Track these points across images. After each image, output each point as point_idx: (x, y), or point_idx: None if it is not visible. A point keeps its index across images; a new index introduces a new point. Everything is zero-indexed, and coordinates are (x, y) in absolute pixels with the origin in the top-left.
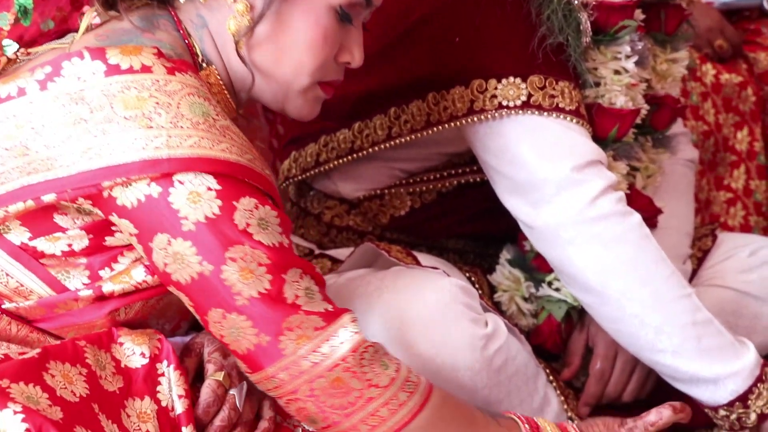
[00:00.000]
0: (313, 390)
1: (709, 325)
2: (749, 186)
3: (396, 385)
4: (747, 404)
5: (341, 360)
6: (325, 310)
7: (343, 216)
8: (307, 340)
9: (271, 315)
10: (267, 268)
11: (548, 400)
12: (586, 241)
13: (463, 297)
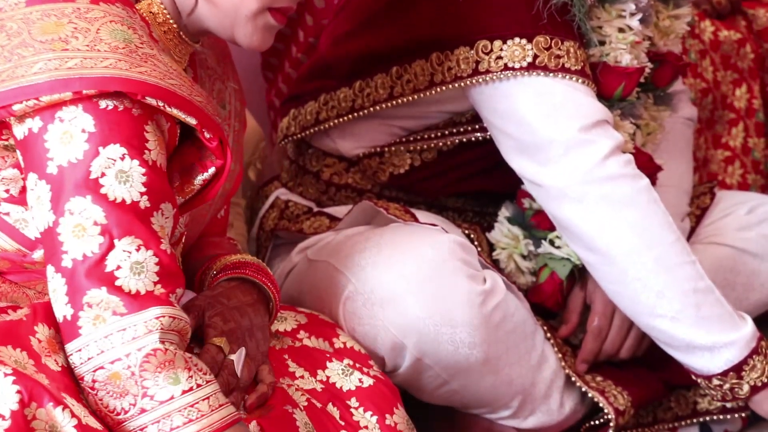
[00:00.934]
0: (94, 382)
1: (710, 293)
2: (747, 144)
3: (174, 406)
4: (741, 375)
5: (125, 356)
6: (136, 294)
7: (341, 174)
8: (102, 323)
9: (80, 285)
10: (101, 229)
11: (546, 357)
12: (594, 201)
13: (461, 253)
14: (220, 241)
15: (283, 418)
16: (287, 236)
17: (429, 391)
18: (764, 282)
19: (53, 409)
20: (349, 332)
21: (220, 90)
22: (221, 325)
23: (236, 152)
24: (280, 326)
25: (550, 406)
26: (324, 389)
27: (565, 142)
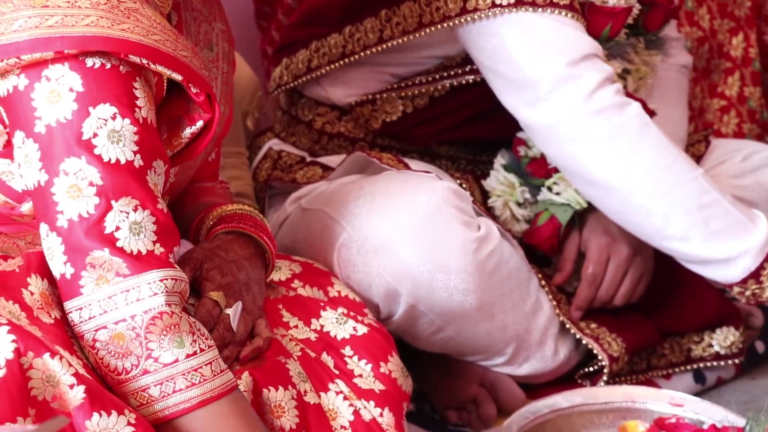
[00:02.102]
0: (95, 341)
1: (717, 206)
2: (743, 93)
3: (177, 369)
4: (760, 280)
5: (129, 317)
6: (138, 255)
7: (334, 123)
8: (105, 283)
9: (82, 244)
10: (97, 190)
11: (540, 304)
12: (587, 135)
13: (455, 200)
14: (213, 187)
15: (275, 368)
16: (281, 186)
17: (424, 339)
18: None
19: (50, 359)
20: (343, 280)
21: (206, 32)
22: (218, 279)
23: (226, 94)
24: (274, 276)
25: (544, 353)
26: (318, 338)
27: (554, 79)
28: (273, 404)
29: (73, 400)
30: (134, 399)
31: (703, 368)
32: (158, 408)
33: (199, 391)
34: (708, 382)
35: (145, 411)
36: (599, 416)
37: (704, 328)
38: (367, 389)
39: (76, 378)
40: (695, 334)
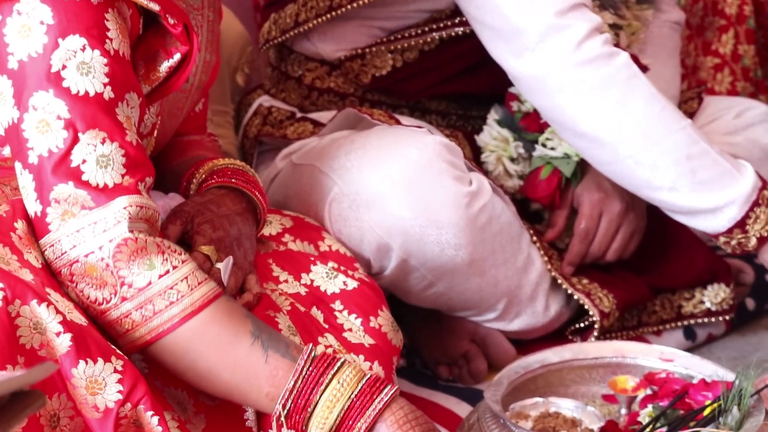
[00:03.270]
0: (72, 275)
1: (705, 156)
2: (737, 51)
3: (153, 290)
4: (745, 229)
5: (98, 248)
6: (104, 188)
7: (324, 78)
8: (72, 217)
9: (47, 181)
10: (65, 123)
11: (532, 260)
12: (575, 86)
13: (447, 155)
14: (202, 140)
15: (265, 322)
16: (271, 142)
17: (415, 293)
18: None
19: (37, 306)
20: (335, 235)
21: None
22: (210, 233)
23: (212, 42)
24: (265, 230)
25: (535, 308)
26: (308, 293)
27: (541, 29)
28: None
29: (59, 347)
30: (119, 326)
31: (693, 325)
32: (143, 332)
33: (179, 308)
34: (698, 338)
35: (132, 336)
36: (589, 371)
37: (695, 285)
38: (356, 343)
39: (62, 326)
40: (686, 291)
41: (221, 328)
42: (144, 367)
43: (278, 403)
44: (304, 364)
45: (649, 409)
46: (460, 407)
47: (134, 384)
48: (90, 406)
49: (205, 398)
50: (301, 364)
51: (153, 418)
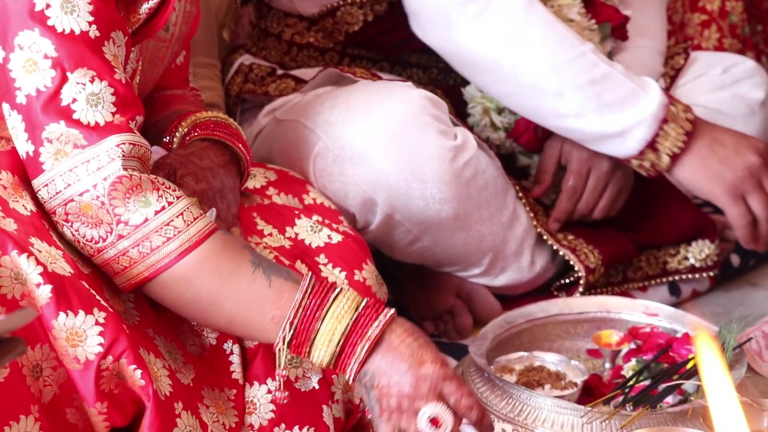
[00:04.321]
0: (68, 215)
1: (608, 79)
2: (725, 7)
3: (149, 227)
4: (656, 148)
5: (92, 187)
6: (95, 126)
7: (303, 33)
8: (65, 156)
9: (38, 120)
10: (52, 62)
11: (517, 215)
12: (472, 21)
13: (432, 108)
14: (184, 94)
15: None
16: (253, 99)
17: (400, 248)
18: None
19: (17, 256)
20: (319, 190)
21: None
22: (193, 185)
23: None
24: (249, 183)
25: (521, 264)
26: (292, 246)
27: None
28: None
29: (40, 298)
30: (116, 264)
31: (678, 281)
32: (141, 269)
33: (176, 244)
34: (683, 294)
35: (129, 274)
36: (574, 326)
37: (680, 241)
38: None
39: (43, 277)
40: (671, 247)
41: (220, 260)
42: (135, 315)
43: (285, 322)
44: (309, 281)
45: (633, 363)
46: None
47: (116, 337)
48: (71, 358)
49: (193, 349)
50: (307, 281)
51: (136, 372)
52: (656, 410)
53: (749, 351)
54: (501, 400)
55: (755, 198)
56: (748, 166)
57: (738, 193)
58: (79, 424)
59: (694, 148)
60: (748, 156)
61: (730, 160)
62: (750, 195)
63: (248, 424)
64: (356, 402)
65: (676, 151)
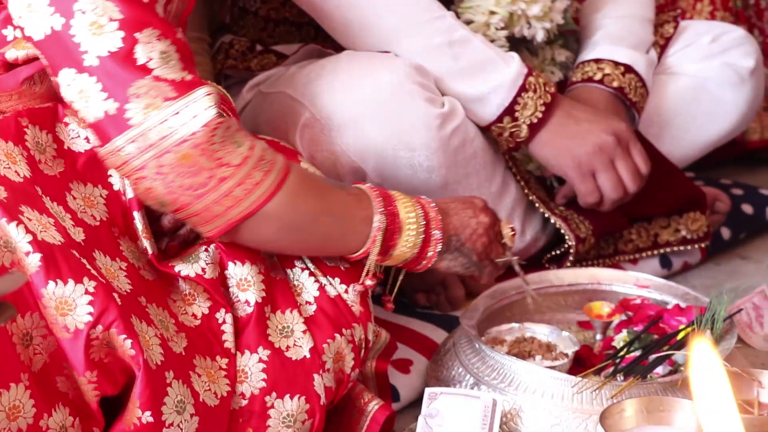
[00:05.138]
0: (161, 167)
1: (467, 43)
2: None
3: (249, 165)
4: (515, 116)
5: (190, 135)
6: (181, 80)
7: (279, 9)
8: (155, 109)
9: (120, 78)
10: (119, 24)
11: (507, 185)
12: None
13: (418, 77)
14: None
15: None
16: (236, 74)
17: None
18: (727, 111)
19: (6, 224)
20: (308, 160)
21: None
22: None
23: None
24: None
25: None
26: None
27: None
28: (239, 278)
29: (29, 267)
30: (218, 206)
31: (669, 253)
32: (247, 204)
33: (273, 176)
34: (674, 267)
35: (231, 214)
36: (565, 298)
37: (671, 213)
38: (332, 266)
39: (32, 245)
40: (662, 219)
41: (308, 180)
42: (127, 283)
43: (377, 213)
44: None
45: (623, 335)
46: (437, 333)
47: (106, 307)
48: (60, 326)
49: (185, 318)
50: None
51: (126, 342)
52: (646, 380)
53: (740, 323)
54: (492, 371)
55: (603, 176)
56: (600, 144)
57: (587, 169)
58: (69, 393)
59: (549, 123)
60: (600, 134)
61: (581, 136)
62: (599, 173)
63: (239, 392)
64: (347, 371)
65: (534, 120)
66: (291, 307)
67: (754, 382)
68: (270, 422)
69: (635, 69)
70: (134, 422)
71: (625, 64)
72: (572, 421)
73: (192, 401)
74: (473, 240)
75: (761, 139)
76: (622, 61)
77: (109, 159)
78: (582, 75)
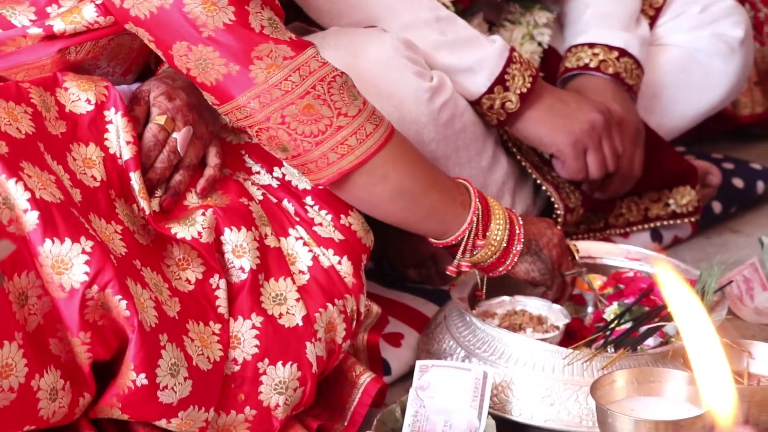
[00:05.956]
0: (284, 117)
1: (454, 21)
2: None
3: (363, 116)
4: (506, 86)
5: (311, 88)
6: (290, 39)
7: None
8: (277, 69)
9: (240, 45)
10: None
11: (497, 159)
12: None
13: (406, 51)
14: None
15: (238, 209)
16: None
17: None
18: (717, 81)
19: (6, 181)
20: None
21: None
22: (165, 104)
23: None
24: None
25: None
26: (280, 186)
27: None
28: (234, 244)
29: (27, 224)
30: (334, 153)
31: (660, 227)
32: (359, 153)
33: (381, 130)
34: (665, 240)
35: (342, 162)
36: None
37: (661, 188)
38: (326, 237)
39: (30, 203)
40: (653, 194)
41: (412, 147)
42: (123, 246)
43: (473, 198)
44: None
45: (614, 307)
46: (428, 307)
47: (102, 267)
48: (56, 285)
49: (178, 283)
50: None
51: (121, 302)
52: (637, 352)
53: (730, 295)
54: (483, 343)
55: (593, 156)
56: (592, 122)
57: (581, 147)
58: (61, 356)
59: (540, 102)
60: (591, 113)
61: (575, 115)
62: (590, 151)
63: (232, 358)
64: (338, 342)
65: (524, 90)
66: (284, 275)
67: (744, 353)
68: (262, 388)
69: (629, 52)
70: (128, 385)
71: (619, 48)
72: (563, 393)
73: (185, 365)
74: (549, 248)
75: (752, 114)
76: (616, 44)
77: (231, 114)
78: (577, 61)
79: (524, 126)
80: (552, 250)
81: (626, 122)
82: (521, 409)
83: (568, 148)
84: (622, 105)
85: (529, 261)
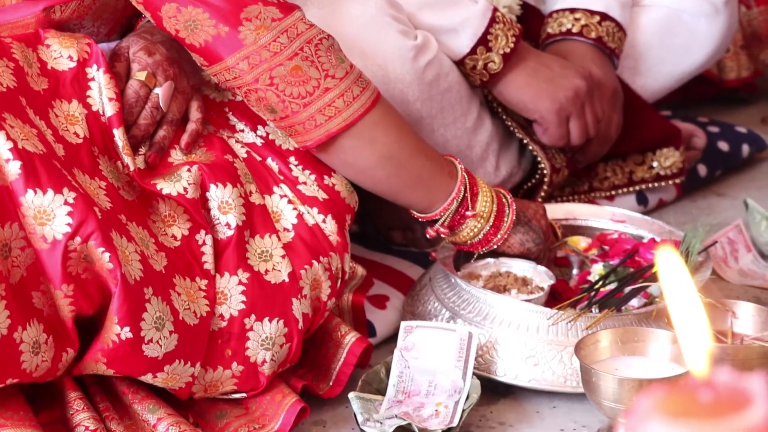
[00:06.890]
0: (273, 78)
1: None
2: None
3: (350, 79)
4: (489, 47)
5: (299, 49)
6: (279, 1)
7: None
8: (266, 30)
9: (229, 5)
10: None
11: (482, 121)
12: None
13: (390, 9)
14: None
15: (223, 165)
16: None
17: None
18: (702, 42)
19: None
20: None
21: None
22: (145, 59)
23: None
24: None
25: (486, 169)
26: (264, 144)
27: None
28: (220, 201)
29: (9, 174)
30: (322, 115)
31: (645, 190)
32: (346, 115)
33: (368, 92)
34: (650, 203)
35: (330, 124)
36: None
37: (645, 150)
38: (311, 196)
39: (12, 153)
40: (636, 156)
41: (397, 113)
42: (107, 201)
43: (460, 170)
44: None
45: (599, 268)
46: (413, 270)
47: (85, 218)
48: (38, 236)
49: (164, 239)
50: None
51: (104, 255)
52: (621, 312)
53: (715, 257)
54: (468, 304)
55: (576, 123)
56: (576, 88)
57: (565, 114)
58: (44, 310)
59: (521, 66)
60: (575, 79)
61: (558, 81)
62: (572, 118)
63: (219, 314)
64: (323, 299)
65: (507, 50)
66: (270, 232)
67: (728, 313)
68: (249, 344)
69: (611, 15)
70: (113, 339)
71: (600, 12)
72: (547, 353)
73: (171, 318)
74: (537, 218)
75: (738, 78)
76: (597, 9)
77: (219, 75)
78: (559, 27)
79: (507, 90)
80: (540, 221)
81: (604, 85)
82: (506, 370)
83: (552, 115)
84: (601, 68)
85: (522, 231)
